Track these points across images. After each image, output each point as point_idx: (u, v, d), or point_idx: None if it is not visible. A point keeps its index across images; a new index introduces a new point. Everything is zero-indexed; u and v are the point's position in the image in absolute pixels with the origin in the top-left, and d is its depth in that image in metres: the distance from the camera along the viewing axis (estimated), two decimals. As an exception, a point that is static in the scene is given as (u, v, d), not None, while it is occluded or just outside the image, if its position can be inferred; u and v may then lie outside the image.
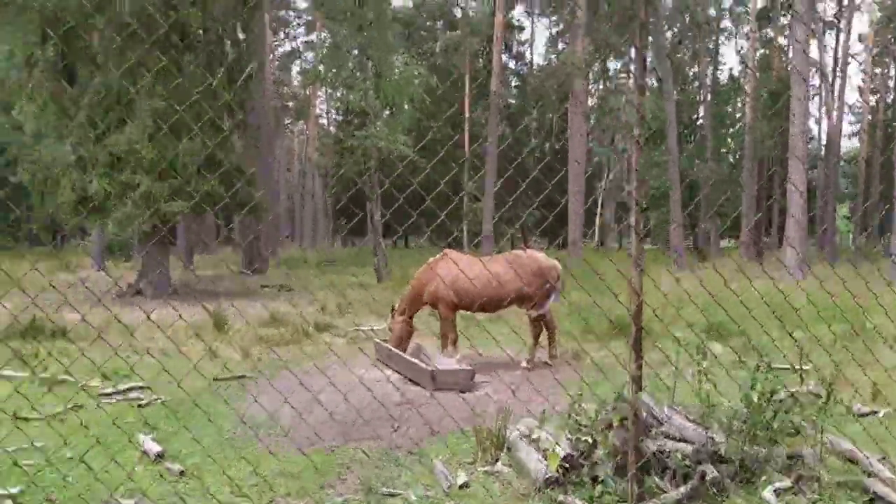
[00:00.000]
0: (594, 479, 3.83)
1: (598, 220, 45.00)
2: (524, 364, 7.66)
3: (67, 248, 38.72)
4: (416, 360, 6.97)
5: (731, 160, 38.35)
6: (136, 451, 4.87)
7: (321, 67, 20.17)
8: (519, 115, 44.44)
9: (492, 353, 8.52)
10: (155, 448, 4.74)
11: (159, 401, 6.31)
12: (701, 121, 37.85)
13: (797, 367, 7.51)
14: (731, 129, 40.33)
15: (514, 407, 5.54)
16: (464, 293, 7.41)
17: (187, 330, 9.90)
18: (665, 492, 3.79)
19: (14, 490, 4.01)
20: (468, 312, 8.03)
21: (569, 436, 4.07)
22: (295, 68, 52.64)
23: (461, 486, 4.04)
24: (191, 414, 5.82)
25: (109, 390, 6.59)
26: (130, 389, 6.68)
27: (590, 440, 3.93)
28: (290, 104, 51.78)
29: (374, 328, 10.48)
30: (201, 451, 4.81)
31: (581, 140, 25.74)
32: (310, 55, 46.61)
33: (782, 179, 37.81)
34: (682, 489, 3.74)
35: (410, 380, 6.87)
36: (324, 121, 50.99)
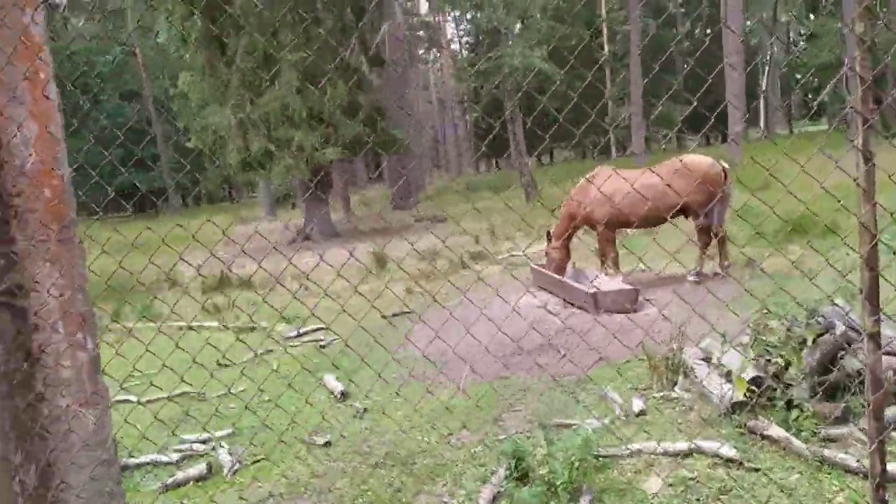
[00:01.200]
0: (788, 403, 3.51)
1: (762, 107, 40.73)
2: (692, 278, 7.21)
3: (241, 203, 42.45)
4: (575, 284, 6.81)
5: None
6: (323, 390, 5.24)
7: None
8: (662, 3, 40.68)
9: (657, 268, 8.11)
10: (339, 387, 5.08)
11: (335, 341, 6.75)
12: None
13: None
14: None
15: (686, 327, 5.23)
16: (622, 209, 7.00)
17: (355, 270, 10.49)
18: (874, 413, 3.39)
19: (221, 433, 4.48)
20: (628, 229, 7.63)
21: (754, 357, 3.75)
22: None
23: (638, 414, 3.90)
24: (366, 353, 6.17)
25: (292, 334, 7.15)
26: (311, 332, 7.21)
27: (780, 362, 3.58)
28: (422, 33, 51.53)
29: (526, 253, 10.39)
30: (379, 389, 5.09)
31: (737, 19, 22.98)
32: (434, -21, 45.66)
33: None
34: (893, 409, 3.32)
35: (572, 304, 6.74)
36: (456, 46, 50.24)
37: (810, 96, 41.46)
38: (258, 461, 4.05)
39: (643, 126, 25.32)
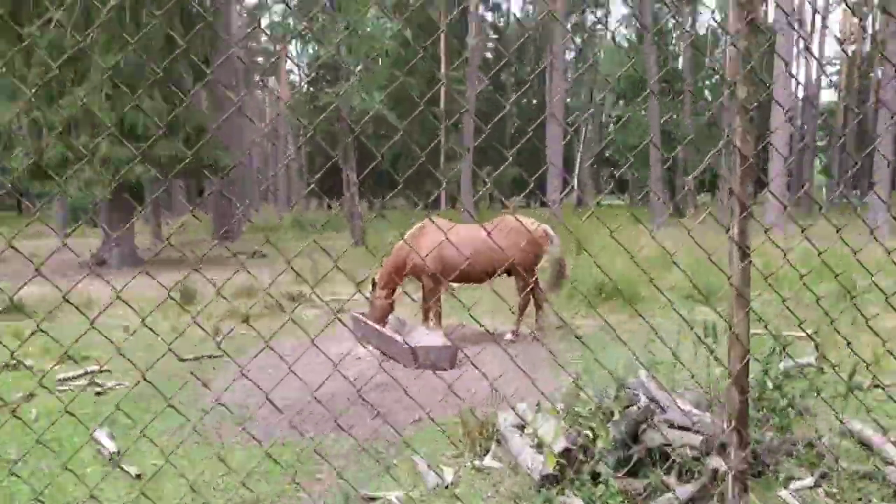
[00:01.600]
0: (595, 477, 3.49)
1: (575, 178, 44.58)
2: (509, 336, 7.31)
3: (31, 216, 37.45)
4: (395, 336, 6.57)
5: (710, 113, 38.05)
6: (92, 448, 4.42)
7: (290, 21, 19.18)
8: (497, 71, 43.47)
9: (475, 325, 8.16)
10: (110, 447, 4.30)
11: (120, 386, 5.85)
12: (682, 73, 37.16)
13: (792, 334, 7.27)
14: (707, 82, 39.98)
15: (502, 386, 5.19)
16: (449, 264, 6.95)
17: (152, 304, 9.40)
18: (671, 490, 3.47)
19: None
20: (452, 284, 7.61)
21: (566, 428, 3.71)
22: (265, 22, 50.71)
23: (448, 486, 3.68)
24: (153, 402, 5.39)
25: (66, 375, 6.09)
26: (89, 374, 6.19)
27: (590, 434, 3.58)
28: (260, 60, 50.01)
29: (349, 299, 10.04)
30: (162, 447, 4.39)
31: (559, 96, 25.14)
32: (279, 7, 44.82)
33: (761, 132, 37.56)
34: (691, 486, 3.42)
35: (391, 357, 6.48)
36: (295, 77, 49.50)
37: (616, 173, 46.10)
38: (-15, 544, 3.22)
39: (470, 181, 26.41)
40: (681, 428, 3.78)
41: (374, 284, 7.35)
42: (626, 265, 12.33)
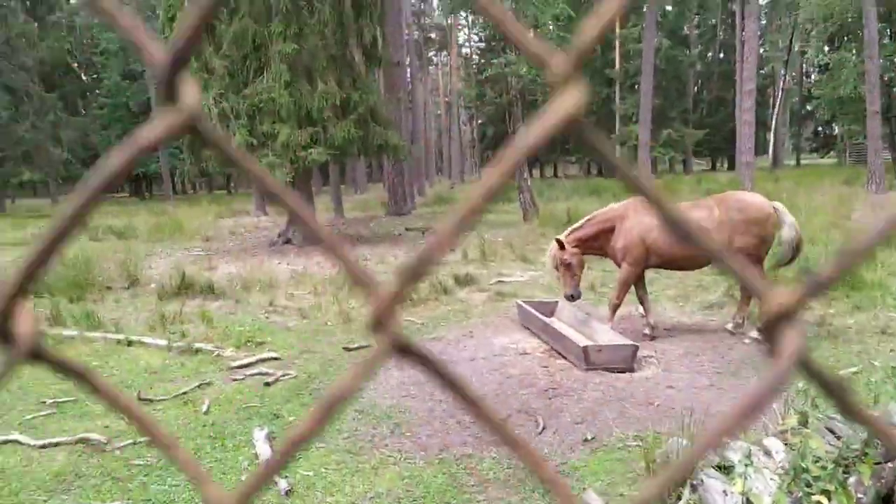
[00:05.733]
0: (830, 555, 2.62)
1: (771, 137, 39.91)
2: (730, 326, 6.22)
3: (238, 194, 41.53)
4: (565, 331, 5.90)
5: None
6: (252, 449, 4.33)
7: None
8: (677, 24, 39.96)
9: (665, 315, 7.16)
10: (266, 452, 4.17)
11: (286, 377, 5.85)
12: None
13: None
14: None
15: (696, 398, 4.36)
16: (653, 249, 6.04)
17: (328, 284, 9.60)
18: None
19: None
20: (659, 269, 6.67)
21: (788, 487, 2.85)
22: (435, -1, 51.20)
23: (629, 542, 3.00)
24: (315, 396, 5.29)
25: (239, 363, 6.23)
26: (261, 361, 6.29)
27: (823, 501, 2.69)
28: (433, 35, 50.71)
29: (518, 280, 9.49)
30: (317, 456, 4.19)
31: (753, 44, 22.13)
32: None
33: None
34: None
35: (561, 355, 5.83)
36: (467, 50, 49.51)
37: (822, 129, 40.63)
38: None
39: (648, 146, 24.46)
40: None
41: (560, 245, 6.37)
42: (842, 238, 10.47)
